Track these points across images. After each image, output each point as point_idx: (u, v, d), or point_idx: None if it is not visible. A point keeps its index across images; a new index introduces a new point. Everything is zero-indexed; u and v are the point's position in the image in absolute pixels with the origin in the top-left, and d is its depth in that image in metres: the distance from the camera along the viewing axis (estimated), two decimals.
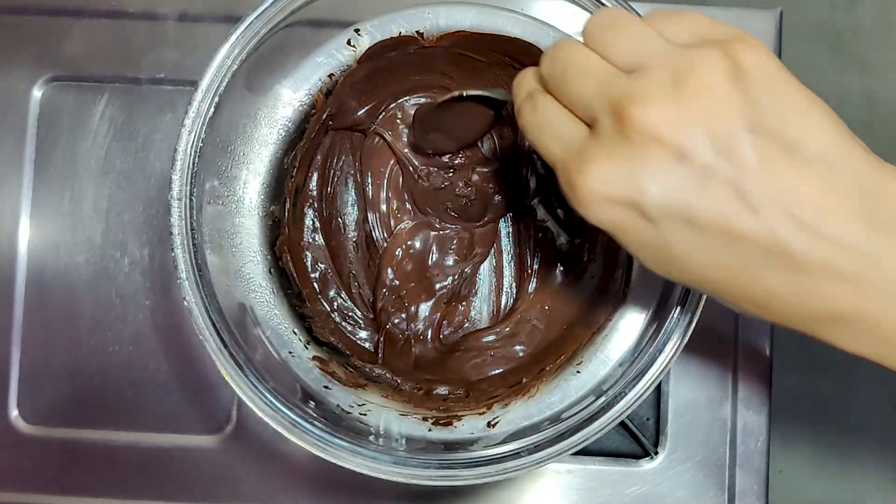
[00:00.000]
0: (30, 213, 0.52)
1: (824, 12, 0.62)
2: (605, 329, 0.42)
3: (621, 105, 0.28)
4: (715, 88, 0.27)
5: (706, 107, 0.27)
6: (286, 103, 0.43)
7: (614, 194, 0.28)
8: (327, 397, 0.41)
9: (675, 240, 0.28)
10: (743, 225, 0.27)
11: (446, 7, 0.43)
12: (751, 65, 0.27)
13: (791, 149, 0.27)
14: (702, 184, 0.27)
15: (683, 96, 0.27)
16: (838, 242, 0.27)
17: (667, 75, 0.28)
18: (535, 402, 0.41)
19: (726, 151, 0.27)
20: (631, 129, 0.27)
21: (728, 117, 0.27)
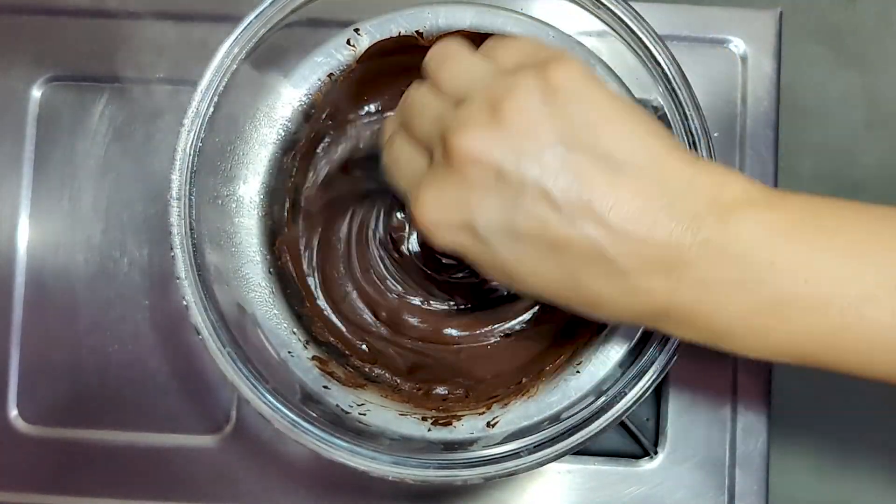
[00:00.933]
0: (29, 213, 0.52)
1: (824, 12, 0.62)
2: (604, 329, 0.42)
3: (446, 136, 0.30)
4: (527, 109, 0.29)
5: (519, 127, 0.29)
6: (285, 103, 0.43)
7: (448, 219, 0.31)
8: (326, 397, 0.41)
9: (507, 255, 0.30)
10: (561, 234, 0.29)
11: (446, 7, 0.43)
12: (561, 82, 0.29)
13: (602, 159, 0.29)
14: (520, 200, 0.29)
15: (498, 120, 0.29)
16: (648, 242, 0.29)
17: (485, 103, 0.30)
18: (534, 402, 0.41)
19: (539, 167, 0.29)
20: (453, 155, 0.30)
21: (539, 136, 0.29)
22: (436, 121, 0.31)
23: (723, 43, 0.52)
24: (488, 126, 0.29)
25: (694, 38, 0.52)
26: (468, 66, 0.32)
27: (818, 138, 0.60)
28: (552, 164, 0.29)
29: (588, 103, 0.29)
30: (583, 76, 0.30)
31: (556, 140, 0.29)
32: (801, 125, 0.60)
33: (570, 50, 0.42)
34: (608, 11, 0.39)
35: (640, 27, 0.38)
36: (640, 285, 0.30)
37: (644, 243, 0.29)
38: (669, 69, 0.38)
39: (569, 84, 0.29)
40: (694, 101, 0.38)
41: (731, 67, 0.52)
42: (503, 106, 0.29)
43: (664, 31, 0.48)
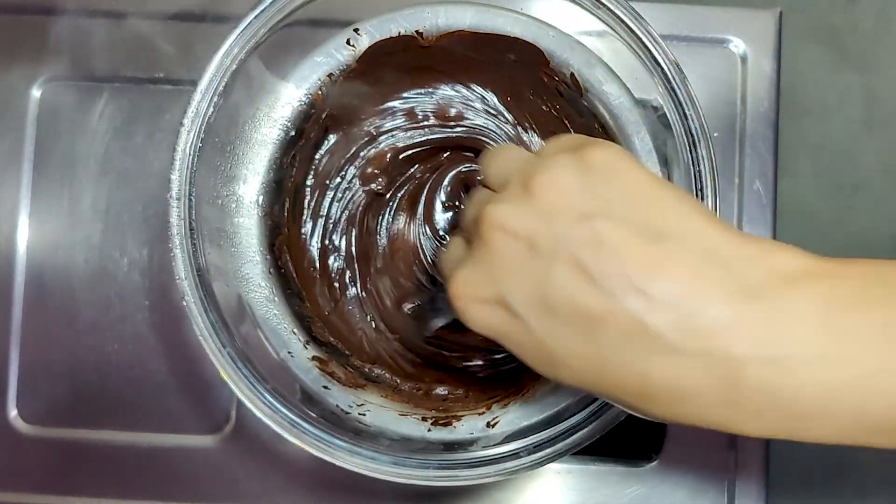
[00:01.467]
0: (29, 213, 0.52)
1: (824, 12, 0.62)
2: None
3: (480, 212, 0.30)
4: (559, 182, 0.28)
5: (552, 200, 0.28)
6: (285, 103, 0.43)
7: (479, 294, 0.30)
8: (326, 397, 0.41)
9: (543, 332, 0.29)
10: (597, 306, 0.27)
11: (445, 7, 0.43)
12: (597, 160, 0.29)
13: (641, 230, 0.27)
14: (552, 270, 0.28)
15: (530, 193, 0.29)
16: (702, 313, 0.26)
17: (520, 180, 0.30)
18: (534, 403, 0.41)
19: (575, 239, 0.27)
20: (485, 228, 0.29)
21: (574, 207, 0.28)
22: (477, 207, 0.31)
23: (722, 43, 0.52)
24: (520, 199, 0.29)
25: (694, 38, 0.52)
26: (511, 156, 0.32)
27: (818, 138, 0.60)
28: (585, 233, 0.27)
29: (623, 177, 0.28)
30: (620, 156, 0.29)
31: (589, 211, 0.28)
32: (800, 125, 0.60)
33: (570, 50, 0.42)
34: (608, 11, 0.39)
35: (639, 27, 0.38)
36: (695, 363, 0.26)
37: (697, 316, 0.26)
38: (669, 69, 0.38)
39: (605, 160, 0.29)
40: (693, 100, 0.38)
41: (730, 67, 0.52)
42: (535, 180, 0.29)
43: (664, 31, 0.48)
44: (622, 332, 0.27)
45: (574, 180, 0.28)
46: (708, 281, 0.26)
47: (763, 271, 0.27)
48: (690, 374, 0.26)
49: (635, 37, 0.39)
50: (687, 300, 0.26)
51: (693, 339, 0.26)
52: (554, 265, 0.28)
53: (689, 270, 0.27)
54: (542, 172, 0.29)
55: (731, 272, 0.27)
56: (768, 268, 0.27)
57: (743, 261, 0.27)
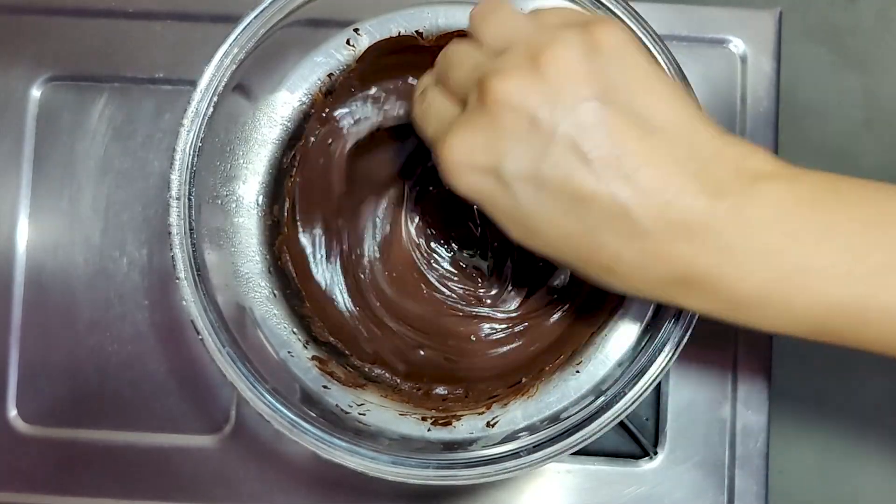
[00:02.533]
0: (28, 213, 0.52)
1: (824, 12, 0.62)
2: (604, 329, 0.42)
3: (483, 79, 0.30)
4: (567, 62, 0.29)
5: (558, 79, 0.29)
6: (285, 103, 0.43)
7: (474, 161, 0.30)
8: (326, 397, 0.41)
9: (528, 203, 0.30)
10: (586, 187, 0.29)
11: (445, 7, 0.43)
12: (605, 42, 0.29)
13: (637, 120, 0.29)
14: (550, 148, 0.29)
15: (538, 69, 0.29)
16: (675, 206, 0.29)
17: (526, 51, 0.30)
18: (534, 402, 0.41)
19: (574, 120, 0.29)
20: (488, 99, 0.30)
21: (577, 89, 0.29)
22: (473, 70, 0.31)
23: (722, 43, 0.52)
24: (527, 74, 0.29)
25: (693, 38, 0.52)
26: (512, 20, 0.32)
27: (818, 138, 0.60)
28: (587, 117, 0.29)
29: (628, 64, 0.30)
30: (626, 38, 0.30)
31: (593, 95, 0.29)
32: (800, 125, 0.60)
33: None
34: (608, 12, 0.39)
35: (639, 27, 0.38)
36: (662, 249, 0.29)
37: (670, 206, 0.29)
38: (669, 69, 0.38)
39: (611, 43, 0.29)
40: None
41: (730, 67, 0.52)
42: (544, 56, 0.29)
43: (664, 31, 0.48)
44: (605, 213, 0.29)
45: (583, 60, 0.29)
46: (687, 176, 0.29)
47: (734, 171, 0.29)
48: (657, 256, 0.30)
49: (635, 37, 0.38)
50: (667, 192, 0.29)
51: (664, 227, 0.29)
52: (552, 143, 0.29)
53: (673, 165, 0.29)
54: (551, 48, 0.29)
55: (707, 170, 0.29)
56: (739, 168, 0.29)
57: (719, 160, 0.29)
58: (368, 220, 0.47)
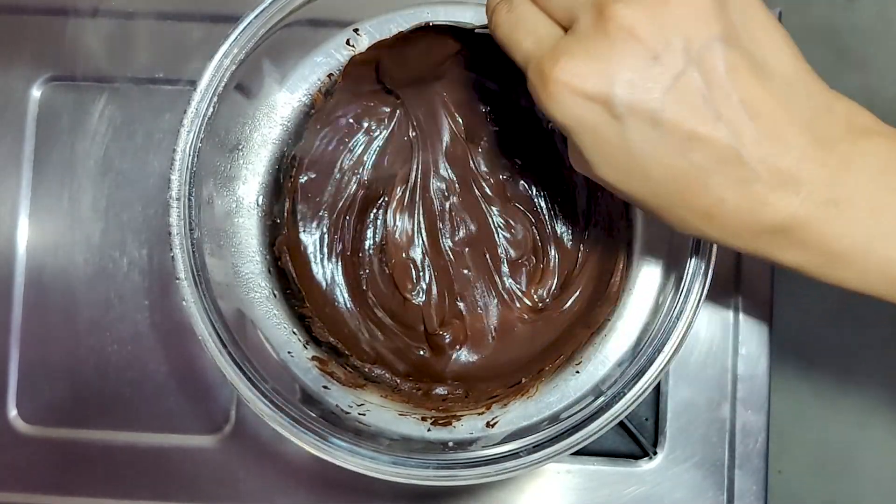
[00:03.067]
0: (28, 213, 0.52)
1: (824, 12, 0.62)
2: (603, 329, 0.42)
3: (608, 8, 0.29)
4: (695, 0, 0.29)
5: (685, 14, 0.28)
6: (285, 103, 0.43)
7: (586, 87, 0.29)
8: (326, 397, 0.41)
9: (637, 139, 0.29)
10: (703, 128, 0.28)
11: (445, 7, 0.43)
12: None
13: (757, 65, 0.29)
14: (672, 85, 0.28)
15: (665, 2, 0.28)
16: (787, 153, 0.29)
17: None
18: (534, 403, 0.41)
19: (698, 58, 0.28)
20: (611, 24, 0.28)
21: (704, 27, 0.28)
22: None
23: None
24: (655, 3, 0.28)
25: None
26: None
27: None
28: (710, 57, 0.28)
29: (751, 7, 0.29)
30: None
31: (718, 34, 0.28)
32: None
33: None
34: None
35: None
36: (768, 196, 0.29)
37: (782, 153, 0.29)
38: None
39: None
40: None
41: None
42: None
43: None
44: (717, 155, 0.29)
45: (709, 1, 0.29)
46: (801, 125, 0.29)
47: (844, 125, 0.30)
48: (762, 202, 0.29)
49: None
50: (780, 139, 0.29)
51: (774, 175, 0.29)
52: (676, 80, 0.28)
53: (788, 113, 0.29)
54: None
55: (819, 121, 0.29)
56: (849, 123, 0.30)
57: (830, 113, 0.30)
58: (370, 219, 0.47)
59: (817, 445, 0.62)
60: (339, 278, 0.46)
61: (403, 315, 0.46)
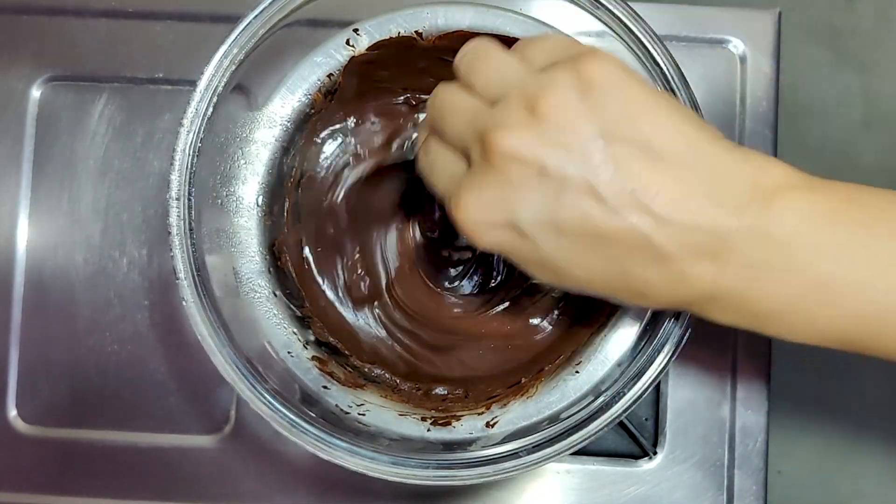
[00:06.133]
0: (28, 213, 0.52)
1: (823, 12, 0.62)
2: (603, 329, 0.42)
3: (484, 136, 0.30)
4: (564, 106, 0.29)
5: (558, 123, 0.29)
6: (284, 103, 0.43)
7: (490, 218, 0.30)
8: (326, 397, 0.41)
9: (551, 250, 0.30)
10: (606, 226, 0.29)
11: (445, 7, 0.43)
12: (596, 77, 0.29)
13: (642, 149, 0.29)
14: (563, 194, 0.29)
15: (537, 117, 0.29)
16: (693, 228, 0.29)
17: (522, 102, 0.30)
18: (533, 403, 0.41)
19: (581, 161, 0.29)
20: (493, 155, 0.30)
21: (579, 130, 0.29)
22: (470, 122, 0.31)
23: (722, 43, 0.52)
24: (527, 125, 0.29)
25: (693, 38, 0.52)
26: (500, 66, 0.31)
27: (817, 138, 0.60)
28: (593, 157, 0.29)
29: (624, 95, 0.29)
30: (616, 69, 0.30)
31: (595, 133, 0.29)
32: (799, 125, 0.60)
33: None
34: (607, 12, 0.39)
35: (638, 27, 0.39)
36: (686, 271, 0.30)
37: (689, 229, 0.29)
38: (668, 69, 0.38)
39: (603, 77, 0.29)
40: (693, 101, 0.38)
41: (729, 68, 0.52)
42: (540, 103, 0.29)
43: (663, 31, 0.48)
44: (629, 246, 0.30)
45: (579, 102, 0.29)
46: (702, 197, 0.29)
47: (750, 187, 0.30)
48: (682, 278, 0.30)
49: (634, 37, 0.39)
50: (684, 215, 0.29)
51: (686, 251, 0.29)
52: (564, 188, 0.29)
53: (686, 188, 0.29)
54: (547, 94, 0.29)
55: (722, 188, 0.29)
56: (756, 184, 0.30)
57: (734, 177, 0.30)
58: (369, 218, 0.47)
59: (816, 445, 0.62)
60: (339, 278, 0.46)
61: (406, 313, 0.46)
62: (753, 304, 0.30)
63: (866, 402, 0.63)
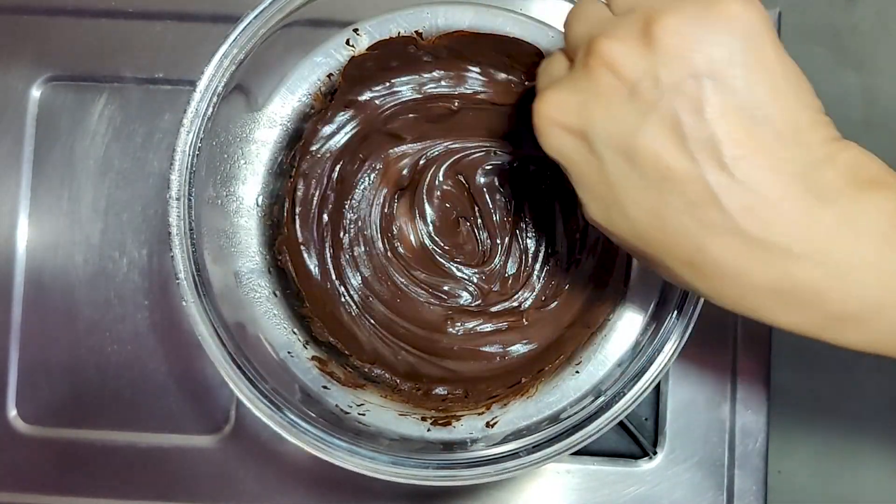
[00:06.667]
0: (28, 213, 0.52)
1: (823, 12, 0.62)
2: (603, 329, 0.42)
3: (594, 40, 0.28)
4: (681, 32, 0.27)
5: (667, 49, 0.27)
6: (284, 103, 0.43)
7: (567, 121, 0.29)
8: (326, 397, 0.41)
9: (615, 175, 0.28)
10: (678, 166, 0.27)
11: (445, 7, 0.43)
12: (734, 17, 0.27)
13: (745, 107, 0.27)
14: (647, 120, 0.27)
15: (649, 36, 0.27)
16: (774, 205, 0.27)
17: (643, 17, 0.28)
18: (533, 403, 0.41)
19: (678, 94, 0.27)
20: (593, 59, 0.28)
21: (686, 62, 0.27)
22: (592, 27, 0.29)
23: None
24: (638, 40, 0.27)
25: None
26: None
27: None
28: (691, 94, 0.27)
29: (752, 44, 0.27)
30: (756, 15, 0.27)
31: (703, 71, 0.27)
32: None
33: None
34: None
35: None
36: (755, 251, 0.27)
37: (768, 205, 0.26)
38: None
39: (739, 17, 0.27)
40: None
41: None
42: (659, 23, 0.27)
43: None
44: (694, 199, 0.27)
45: (700, 34, 0.27)
46: (790, 176, 0.27)
47: (843, 176, 0.27)
48: (746, 258, 0.27)
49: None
50: (765, 189, 0.26)
51: (759, 227, 0.27)
52: (650, 115, 0.27)
53: (775, 161, 0.27)
54: (668, 16, 0.27)
55: (812, 172, 0.27)
56: (849, 173, 0.27)
57: (829, 165, 0.27)
58: (367, 218, 0.47)
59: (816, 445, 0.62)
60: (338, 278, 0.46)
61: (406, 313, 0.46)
62: (833, 305, 0.27)
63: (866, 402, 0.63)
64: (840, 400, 0.62)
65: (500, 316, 0.46)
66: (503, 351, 0.45)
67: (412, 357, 0.45)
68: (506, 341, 0.45)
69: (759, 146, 0.27)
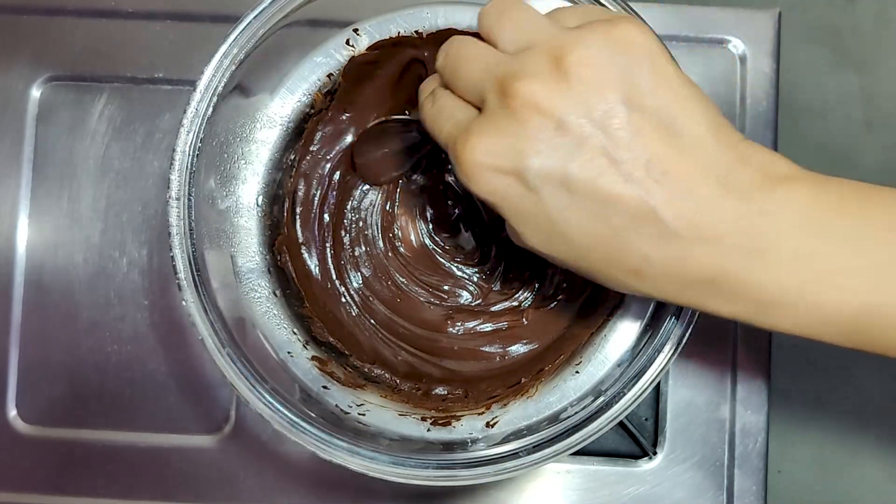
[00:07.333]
0: (28, 213, 0.52)
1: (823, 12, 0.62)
2: (603, 329, 0.42)
3: (506, 81, 0.30)
4: (593, 65, 0.29)
5: (585, 81, 0.29)
6: (284, 103, 0.43)
7: (498, 163, 0.30)
8: (326, 397, 0.41)
9: (554, 207, 0.30)
10: (615, 190, 0.29)
11: (445, 7, 0.43)
12: (629, 43, 0.29)
13: (663, 125, 0.29)
14: (578, 152, 0.29)
15: (564, 71, 0.29)
16: (702, 209, 0.29)
17: (549, 53, 0.29)
18: (533, 403, 0.41)
19: (602, 123, 0.29)
20: (514, 102, 0.29)
21: (605, 91, 0.29)
22: (489, 69, 0.31)
23: (722, 43, 0.52)
24: (553, 76, 0.29)
25: (693, 38, 0.52)
26: (530, 19, 0.31)
27: (817, 138, 0.60)
28: (614, 120, 0.29)
29: (653, 66, 0.29)
30: (652, 39, 0.30)
31: (620, 97, 0.29)
32: (799, 125, 0.60)
33: None
34: (606, 12, 0.39)
35: None
36: (691, 251, 0.29)
37: (698, 209, 0.29)
38: None
39: (636, 44, 0.29)
40: None
41: (729, 67, 0.52)
42: (570, 58, 0.29)
43: (663, 31, 0.48)
44: (634, 215, 0.29)
45: (609, 62, 0.29)
46: (714, 179, 0.29)
47: (760, 175, 0.30)
48: (686, 259, 0.30)
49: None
50: (693, 195, 0.29)
51: (693, 230, 0.29)
52: (582, 147, 0.29)
53: (700, 168, 0.29)
54: (576, 50, 0.29)
55: (733, 174, 0.29)
56: (765, 173, 0.30)
57: (744, 165, 0.30)
58: (368, 218, 0.47)
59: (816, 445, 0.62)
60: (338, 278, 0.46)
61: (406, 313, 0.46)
62: (757, 290, 0.30)
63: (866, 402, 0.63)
64: (840, 400, 0.62)
65: (501, 315, 0.46)
66: (503, 351, 0.45)
67: (412, 357, 0.45)
68: (506, 341, 0.45)
69: (682, 158, 0.29)
